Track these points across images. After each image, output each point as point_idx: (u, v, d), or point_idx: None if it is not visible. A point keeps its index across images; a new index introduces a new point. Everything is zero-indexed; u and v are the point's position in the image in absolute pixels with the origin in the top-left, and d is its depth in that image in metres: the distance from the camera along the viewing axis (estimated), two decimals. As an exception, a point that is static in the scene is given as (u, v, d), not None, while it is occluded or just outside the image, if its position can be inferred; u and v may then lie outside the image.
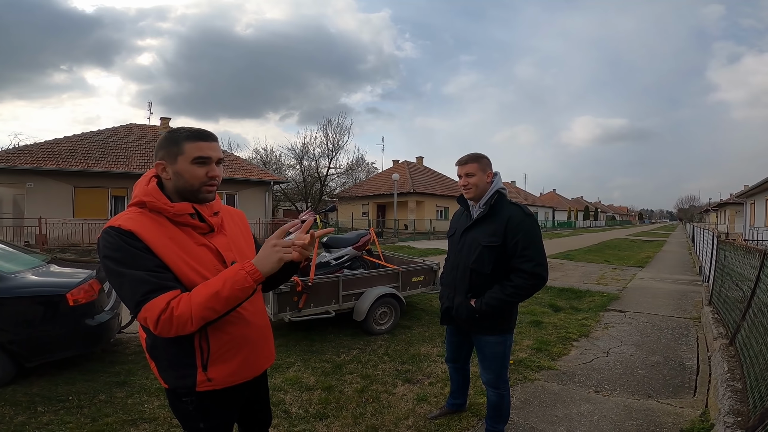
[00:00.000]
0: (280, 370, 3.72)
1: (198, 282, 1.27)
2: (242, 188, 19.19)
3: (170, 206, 1.31)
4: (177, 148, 1.33)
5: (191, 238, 1.35)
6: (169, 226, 1.32)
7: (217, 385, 1.38)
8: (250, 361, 1.46)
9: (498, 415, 2.50)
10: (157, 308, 1.15)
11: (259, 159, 30.07)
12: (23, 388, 3.23)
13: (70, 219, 15.01)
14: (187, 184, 1.34)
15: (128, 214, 1.30)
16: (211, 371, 1.35)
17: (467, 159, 2.34)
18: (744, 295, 3.98)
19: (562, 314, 6.00)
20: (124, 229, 1.23)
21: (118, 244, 1.22)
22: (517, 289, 2.19)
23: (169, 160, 1.34)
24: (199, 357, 1.33)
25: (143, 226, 1.26)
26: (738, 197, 25.30)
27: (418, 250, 15.31)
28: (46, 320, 3.33)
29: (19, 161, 14.67)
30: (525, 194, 56.09)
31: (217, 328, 1.34)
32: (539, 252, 2.20)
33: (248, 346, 1.44)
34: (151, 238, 1.25)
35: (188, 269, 1.29)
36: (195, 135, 1.35)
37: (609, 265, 12.39)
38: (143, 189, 1.33)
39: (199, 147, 1.33)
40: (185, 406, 1.40)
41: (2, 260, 3.63)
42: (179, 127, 1.42)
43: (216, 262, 1.37)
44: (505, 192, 2.35)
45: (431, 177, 35.17)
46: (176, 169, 1.33)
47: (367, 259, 5.94)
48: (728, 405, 2.64)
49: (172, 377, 1.37)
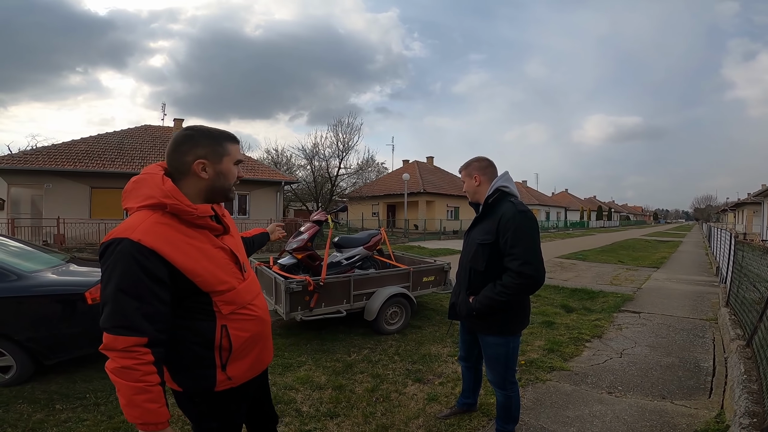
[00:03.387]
0: (291, 368, 3.75)
1: (216, 288, 1.29)
2: (253, 188, 19.34)
3: (193, 208, 1.27)
4: (222, 148, 1.35)
5: (208, 241, 1.34)
6: (187, 229, 1.28)
7: (235, 383, 1.40)
8: (262, 357, 1.50)
9: (507, 416, 2.49)
10: (118, 345, 1.13)
11: (270, 159, 30.31)
12: (42, 386, 3.31)
13: (87, 219, 15.29)
14: (226, 184, 1.37)
15: (146, 221, 1.22)
16: (230, 370, 1.36)
17: (460, 168, 2.50)
18: (761, 296, 3.90)
19: (575, 315, 5.94)
20: (145, 247, 1.17)
21: (129, 269, 1.15)
22: (505, 287, 2.13)
23: (214, 159, 1.33)
24: (218, 357, 1.34)
25: (165, 240, 1.21)
26: (756, 197, 24.75)
27: (428, 250, 15.28)
28: (64, 318, 3.40)
29: (37, 162, 14.99)
30: (537, 194, 55.54)
31: (239, 328, 1.36)
32: (527, 250, 2.10)
33: (261, 341, 1.48)
34: (174, 252, 1.21)
35: (209, 275, 1.29)
36: (234, 137, 1.40)
37: (623, 266, 12.21)
38: (160, 189, 1.24)
39: (239, 150, 1.41)
40: (198, 407, 1.40)
41: (22, 259, 3.73)
42: (201, 125, 1.39)
43: (231, 264, 1.39)
44: (507, 189, 2.30)
45: (441, 177, 35.05)
46: (220, 168, 1.34)
47: (378, 259, 5.96)
48: (744, 406, 2.60)
49: (188, 379, 1.35)
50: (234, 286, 1.37)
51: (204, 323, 1.32)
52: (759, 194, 22.62)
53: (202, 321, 1.31)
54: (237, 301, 1.37)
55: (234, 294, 1.36)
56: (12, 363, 3.30)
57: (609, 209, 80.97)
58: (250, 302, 1.43)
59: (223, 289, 1.33)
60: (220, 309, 1.32)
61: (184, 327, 1.30)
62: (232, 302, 1.35)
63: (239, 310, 1.37)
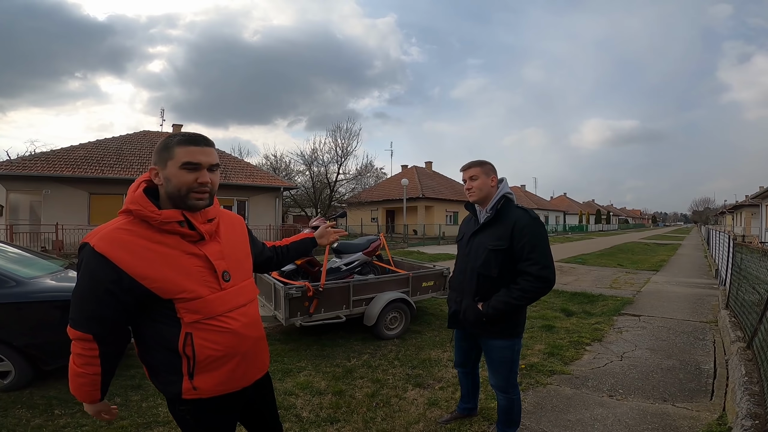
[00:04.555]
0: (291, 374, 3.74)
1: (177, 296, 1.29)
2: (252, 194, 19.35)
3: (157, 214, 1.28)
4: (168, 152, 1.31)
5: (179, 247, 1.31)
6: (154, 235, 1.29)
7: (204, 394, 1.36)
8: (240, 372, 1.43)
9: (509, 420, 2.49)
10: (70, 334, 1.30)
11: (269, 165, 30.33)
12: (40, 391, 3.29)
13: (85, 225, 15.28)
14: (174, 189, 1.31)
15: (108, 227, 1.29)
16: (197, 380, 1.33)
17: (470, 164, 2.41)
18: (761, 298, 3.90)
19: (575, 318, 5.93)
20: (97, 252, 1.23)
21: (84, 272, 1.27)
22: (524, 292, 2.20)
23: (161, 164, 1.32)
24: (186, 365, 1.31)
25: (120, 246, 1.24)
26: (753, 199, 24.81)
27: (427, 255, 15.26)
28: (63, 324, 3.33)
29: (36, 168, 15.01)
30: (535, 198, 55.64)
31: (204, 339, 1.32)
32: (545, 255, 2.21)
33: (237, 357, 1.40)
34: (127, 258, 1.24)
35: (167, 282, 1.27)
36: (186, 140, 1.32)
37: (622, 269, 12.22)
38: (130, 196, 1.32)
39: (190, 152, 1.30)
40: (181, 413, 1.39)
41: (20, 265, 3.72)
42: (178, 133, 1.40)
43: (204, 271, 1.34)
44: (512, 197, 2.38)
45: (440, 182, 35.12)
46: (166, 174, 1.31)
47: (378, 265, 5.96)
48: (746, 408, 2.59)
49: (159, 383, 1.38)
50: (201, 295, 1.32)
51: (168, 328, 1.30)
52: (757, 196, 22.68)
53: (167, 325, 1.30)
54: (203, 311, 1.32)
55: (200, 303, 1.31)
56: (11, 368, 3.29)
57: (608, 213, 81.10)
58: (223, 314, 1.36)
59: (186, 297, 1.29)
60: (182, 316, 1.30)
61: (151, 328, 1.33)
62: (197, 311, 1.31)
63: (206, 320, 1.32)
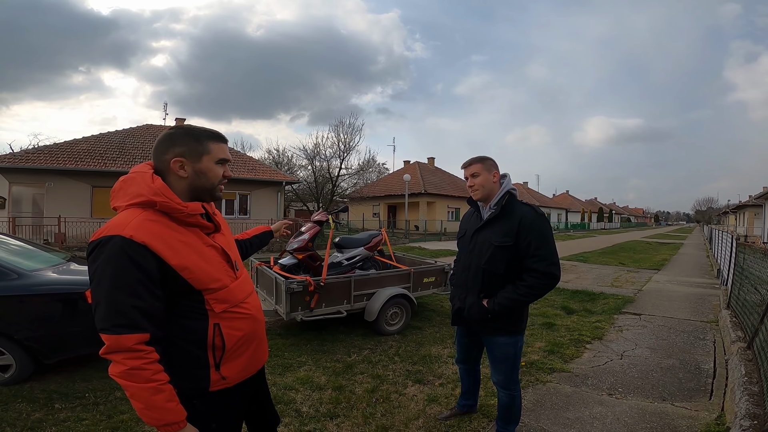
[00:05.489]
0: (291, 369, 3.75)
1: (209, 286, 1.29)
2: (255, 188, 19.35)
3: (183, 206, 1.28)
4: (201, 146, 1.34)
5: (199, 239, 1.34)
6: (178, 227, 1.28)
7: (230, 383, 1.39)
8: (257, 356, 1.49)
9: (509, 417, 2.49)
10: (122, 345, 1.12)
11: (272, 159, 30.34)
12: (41, 385, 3.31)
13: (88, 218, 15.30)
14: (207, 183, 1.36)
15: (136, 218, 1.21)
16: (224, 369, 1.35)
17: (471, 161, 2.39)
18: (762, 298, 3.89)
19: (575, 317, 5.93)
20: (137, 242, 1.16)
21: (122, 265, 1.15)
22: (531, 288, 2.20)
23: (192, 158, 1.33)
24: (212, 357, 1.33)
25: (157, 237, 1.20)
26: (757, 199, 24.73)
27: (429, 251, 15.28)
28: (65, 318, 3.40)
29: (39, 161, 15.01)
30: (538, 195, 55.52)
31: (232, 327, 1.36)
32: (552, 252, 2.21)
33: (255, 340, 1.47)
34: (165, 249, 1.21)
35: (201, 273, 1.29)
36: (218, 136, 1.39)
37: (624, 268, 12.20)
38: (149, 187, 1.25)
39: (222, 148, 1.39)
40: (195, 408, 1.36)
41: (23, 258, 3.73)
42: (187, 124, 1.43)
43: (223, 262, 1.39)
44: (515, 193, 2.37)
45: (442, 178, 35.06)
46: (199, 167, 1.34)
47: (379, 260, 5.96)
48: (745, 408, 2.59)
49: (183, 380, 1.30)
50: (226, 284, 1.37)
51: (196, 322, 1.31)
52: (760, 197, 22.60)
53: (195, 320, 1.31)
54: (230, 299, 1.36)
55: (226, 292, 1.36)
56: (11, 362, 3.30)
57: (610, 211, 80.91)
58: (243, 301, 1.42)
59: (215, 287, 1.32)
60: (212, 307, 1.32)
61: (176, 325, 1.30)
62: (224, 300, 1.35)
63: (232, 308, 1.37)
